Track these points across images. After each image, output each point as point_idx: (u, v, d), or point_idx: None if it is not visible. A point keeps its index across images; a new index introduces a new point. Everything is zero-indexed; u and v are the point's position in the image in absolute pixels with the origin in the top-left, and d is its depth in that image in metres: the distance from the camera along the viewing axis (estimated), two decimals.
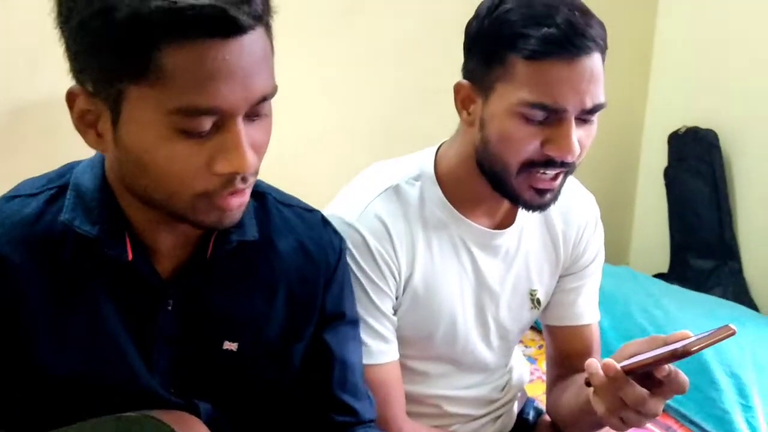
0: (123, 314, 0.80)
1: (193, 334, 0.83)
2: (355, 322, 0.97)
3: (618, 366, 0.86)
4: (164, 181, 0.71)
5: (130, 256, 0.78)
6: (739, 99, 2.28)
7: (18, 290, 0.77)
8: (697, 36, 2.37)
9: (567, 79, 0.91)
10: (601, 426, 1.09)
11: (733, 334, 0.81)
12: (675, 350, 0.82)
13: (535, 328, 1.47)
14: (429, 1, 1.73)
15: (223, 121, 0.69)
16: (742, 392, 1.59)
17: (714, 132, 2.33)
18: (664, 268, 2.55)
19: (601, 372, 0.87)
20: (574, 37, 0.90)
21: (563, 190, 1.11)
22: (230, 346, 0.85)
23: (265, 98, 0.71)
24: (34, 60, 1.36)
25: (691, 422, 1.59)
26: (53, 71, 0.75)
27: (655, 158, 2.54)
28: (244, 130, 0.70)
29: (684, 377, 0.87)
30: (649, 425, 1.61)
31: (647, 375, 0.87)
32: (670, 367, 0.86)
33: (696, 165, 2.37)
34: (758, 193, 2.30)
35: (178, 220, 0.76)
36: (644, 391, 0.86)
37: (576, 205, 1.17)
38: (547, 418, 1.29)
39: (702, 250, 2.41)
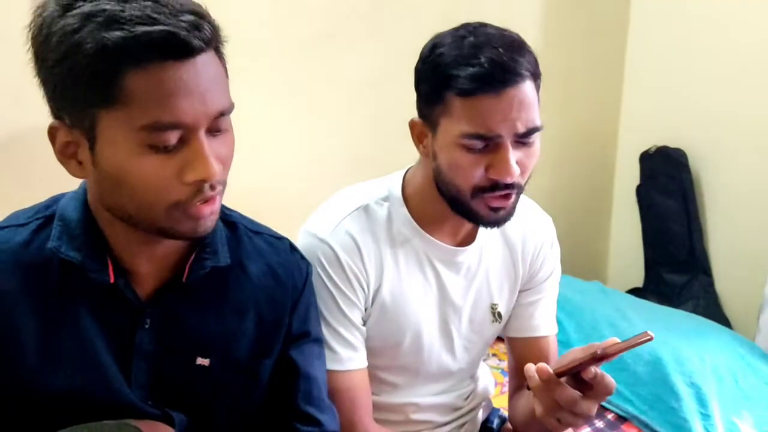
0: (105, 333, 0.87)
1: (169, 351, 0.90)
2: (319, 340, 1.04)
3: (550, 370, 0.93)
4: (140, 195, 0.78)
5: (112, 279, 0.85)
6: (707, 120, 2.37)
7: (8, 314, 0.84)
8: (665, 60, 2.46)
9: (497, 110, 0.99)
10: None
11: (649, 339, 0.89)
12: (595, 353, 0.90)
13: None
14: (401, 31, 1.82)
15: (187, 136, 0.77)
16: (701, 402, 1.65)
17: (683, 151, 2.43)
18: (640, 282, 2.63)
19: (536, 375, 0.94)
20: (498, 73, 0.98)
21: (522, 213, 1.21)
22: (203, 361, 0.92)
23: (223, 113, 0.79)
24: (15, 95, 1.43)
25: (652, 430, 1.66)
26: (34, 106, 0.82)
27: (628, 177, 2.63)
28: (207, 143, 0.77)
29: (610, 380, 0.95)
30: None
31: (581, 379, 0.95)
32: (596, 370, 0.93)
33: (666, 183, 2.45)
34: (726, 209, 2.39)
35: (157, 234, 0.82)
36: (576, 392, 0.94)
37: (533, 225, 1.25)
38: (509, 425, 1.36)
39: (674, 265, 2.49)
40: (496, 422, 1.40)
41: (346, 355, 1.11)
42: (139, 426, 0.82)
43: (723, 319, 2.38)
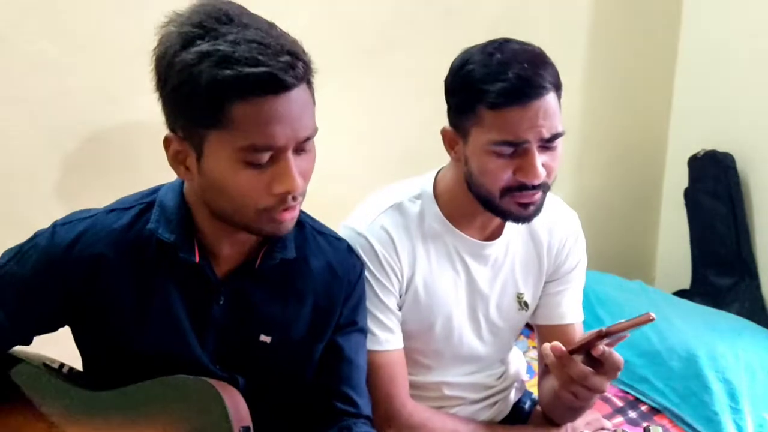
0: (186, 304, 1.02)
1: (237, 325, 1.04)
2: (364, 331, 1.17)
3: (563, 347, 1.04)
4: (236, 201, 0.92)
5: (197, 259, 1.00)
6: (756, 124, 2.40)
7: (112, 281, 1.00)
8: (716, 63, 2.49)
9: (524, 120, 1.11)
10: (575, 410, 1.27)
11: (651, 320, 0.98)
12: (600, 331, 1.00)
13: None
14: (448, 40, 1.93)
15: (278, 155, 0.90)
16: (732, 396, 1.72)
17: (731, 155, 2.45)
18: (687, 284, 2.67)
19: (551, 353, 1.05)
20: (525, 87, 1.10)
21: (548, 209, 1.31)
22: (265, 338, 1.06)
23: (309, 138, 0.93)
24: (112, 94, 1.61)
25: (685, 423, 1.73)
26: (128, 103, 0.97)
27: (676, 179, 2.67)
28: (294, 161, 0.91)
29: (618, 357, 1.05)
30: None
31: (593, 357, 1.05)
32: (604, 347, 1.03)
33: (714, 186, 2.49)
34: None
35: (244, 229, 0.97)
36: (587, 368, 1.05)
37: (559, 220, 1.35)
38: (539, 408, 1.46)
39: (721, 267, 2.52)
40: (528, 404, 1.51)
41: (384, 336, 1.23)
42: (214, 384, 0.96)
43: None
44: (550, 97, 1.12)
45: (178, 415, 0.94)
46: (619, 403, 1.84)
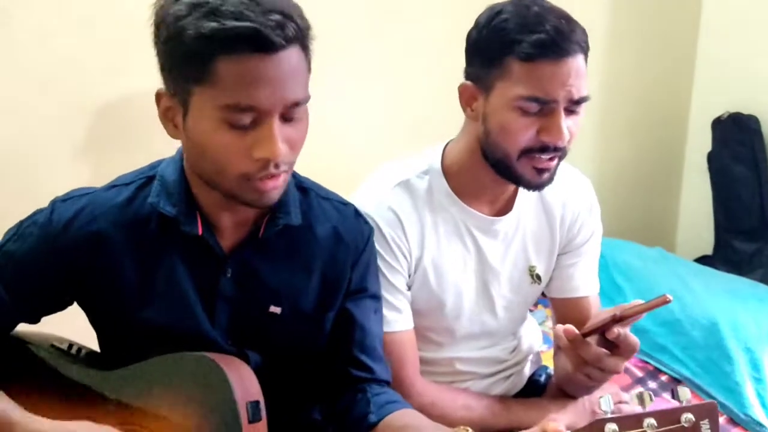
0: (193, 278, 1.00)
1: (246, 297, 1.02)
2: (376, 297, 1.15)
3: (576, 330, 1.01)
4: (216, 162, 0.89)
5: (200, 232, 0.98)
6: None
7: (114, 258, 0.98)
8: (740, 25, 2.42)
9: (556, 76, 1.06)
10: (590, 387, 1.24)
11: (667, 302, 0.95)
12: (614, 315, 0.97)
13: None
14: (459, 8, 1.88)
15: (261, 118, 0.87)
16: (755, 366, 1.69)
17: (755, 117, 2.39)
18: (710, 250, 2.62)
19: (563, 336, 1.02)
20: (562, 41, 1.05)
21: (561, 179, 1.27)
22: (275, 309, 1.04)
23: (297, 104, 0.89)
24: (115, 65, 1.59)
25: (705, 393, 1.71)
26: (132, 75, 0.95)
27: (700, 143, 2.61)
28: (279, 127, 0.88)
29: (633, 339, 1.02)
30: (668, 397, 1.74)
31: (608, 339, 1.02)
32: (620, 330, 1.00)
33: (738, 150, 2.43)
34: None
35: (227, 196, 0.94)
36: (601, 350, 1.02)
37: (573, 191, 1.31)
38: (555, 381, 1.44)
39: (744, 233, 2.47)
40: (543, 377, 1.48)
41: (392, 317, 1.21)
42: (216, 359, 0.95)
43: None
44: (581, 58, 1.08)
45: (184, 393, 0.94)
46: (639, 374, 1.81)
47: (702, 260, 2.54)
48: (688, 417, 0.84)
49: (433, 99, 1.54)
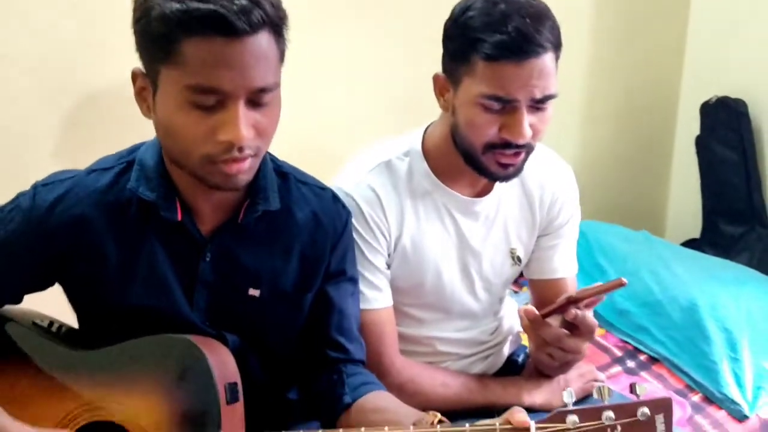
0: (172, 262, 1.03)
1: (225, 281, 1.05)
2: (354, 280, 1.18)
3: (536, 311, 1.05)
4: (181, 143, 0.91)
5: (180, 217, 1.00)
6: None
7: (96, 241, 1.01)
8: (729, 8, 2.42)
9: (517, 77, 1.08)
10: (561, 367, 1.27)
11: (622, 285, 0.98)
12: (569, 296, 1.01)
13: None
14: None
15: (226, 102, 0.88)
16: (732, 346, 1.71)
17: (743, 101, 2.40)
18: (698, 233, 2.65)
19: (524, 316, 1.06)
20: (523, 44, 1.07)
21: (541, 162, 1.31)
22: (254, 292, 1.07)
23: (264, 90, 0.91)
24: (104, 49, 1.61)
25: (682, 372, 1.74)
26: (124, 60, 0.97)
27: (689, 128, 2.62)
28: (245, 112, 0.89)
29: (591, 320, 1.06)
30: (646, 375, 1.78)
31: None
32: (577, 311, 1.04)
33: (726, 134, 2.44)
34: None
35: (195, 177, 0.96)
36: (561, 330, 1.06)
37: (552, 174, 1.34)
38: None
39: (731, 216, 2.49)
40: (522, 357, 1.52)
41: (371, 295, 1.24)
42: (195, 341, 0.98)
43: None
44: (548, 57, 1.09)
45: (163, 374, 0.96)
46: (618, 353, 1.85)
47: (689, 243, 2.56)
48: (644, 411, 0.88)
49: (416, 81, 1.55)
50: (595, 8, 2.41)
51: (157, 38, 0.88)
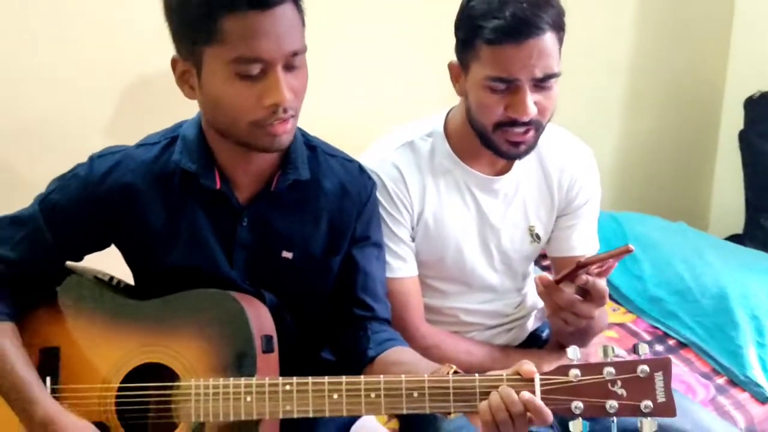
0: (213, 227, 1.15)
1: (261, 244, 1.16)
2: (379, 245, 1.27)
3: (549, 278, 1.12)
4: (229, 113, 1.02)
5: (218, 185, 1.12)
6: None
7: (143, 207, 1.13)
8: None
9: (517, 58, 1.16)
10: (581, 336, 1.35)
11: (629, 251, 1.03)
12: (579, 262, 1.08)
13: None
14: None
15: (267, 69, 0.99)
16: (759, 332, 1.75)
17: None
18: (740, 229, 2.65)
19: (539, 282, 1.14)
20: (520, 26, 1.15)
21: (561, 145, 1.38)
22: (287, 254, 1.17)
23: (296, 53, 1.01)
24: (151, 43, 1.75)
25: (710, 356, 1.78)
26: (165, 52, 1.09)
27: (733, 122, 2.62)
28: (283, 76, 0.99)
29: (601, 286, 1.12)
30: (674, 359, 1.82)
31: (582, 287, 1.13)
32: (588, 277, 1.10)
33: None
34: None
35: (244, 146, 1.06)
36: (574, 296, 1.12)
37: (572, 157, 1.41)
38: None
39: None
40: (546, 333, 1.59)
41: (396, 264, 1.34)
42: (236, 296, 1.09)
43: None
44: (547, 37, 1.17)
45: (205, 324, 1.07)
46: (647, 338, 1.89)
47: (732, 238, 2.56)
48: (643, 369, 0.94)
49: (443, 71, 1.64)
50: (640, 3, 2.44)
51: (198, 22, 0.98)
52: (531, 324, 1.56)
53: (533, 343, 1.55)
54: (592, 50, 2.35)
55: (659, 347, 1.86)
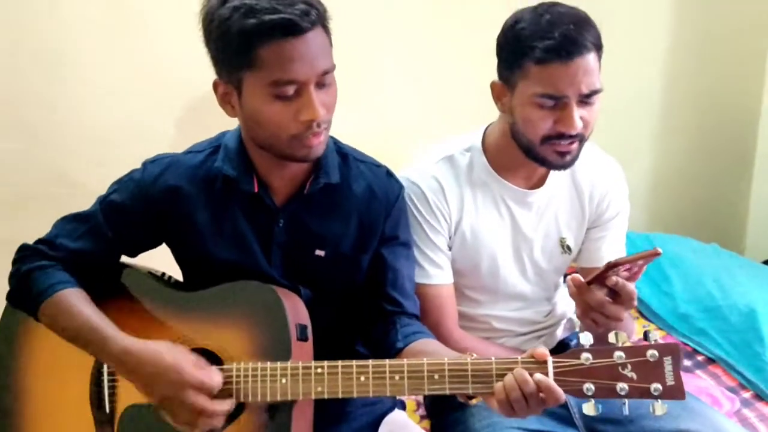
0: (252, 227, 1.24)
1: (296, 243, 1.25)
2: (407, 244, 1.35)
3: (581, 279, 1.18)
4: (270, 130, 1.12)
5: (256, 189, 1.22)
6: None
7: (190, 207, 1.23)
8: None
9: (566, 75, 1.23)
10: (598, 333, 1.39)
11: (657, 254, 1.08)
12: (609, 263, 1.13)
13: None
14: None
15: (301, 89, 1.08)
16: None
17: None
18: None
19: (572, 283, 1.19)
20: (569, 45, 1.22)
21: (592, 162, 1.45)
22: (320, 252, 1.26)
23: (326, 72, 1.10)
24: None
25: (736, 371, 1.81)
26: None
27: None
28: (316, 94, 1.09)
29: (630, 288, 1.17)
30: (701, 374, 1.85)
31: (612, 290, 1.19)
32: (617, 278, 1.16)
33: None
34: None
35: (283, 158, 1.16)
36: (604, 297, 1.18)
37: (602, 172, 1.48)
38: None
39: None
40: (575, 342, 1.63)
41: (433, 272, 1.41)
42: (274, 288, 1.18)
43: None
44: (591, 57, 1.24)
45: (246, 313, 1.16)
46: None
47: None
48: (652, 353, 0.99)
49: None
50: (675, 21, 2.48)
51: (237, 50, 1.07)
52: (560, 332, 1.61)
53: (562, 351, 1.59)
54: (627, 71, 2.39)
55: (688, 362, 1.90)
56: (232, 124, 1.30)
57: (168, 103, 1.90)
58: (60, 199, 1.41)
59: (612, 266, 1.14)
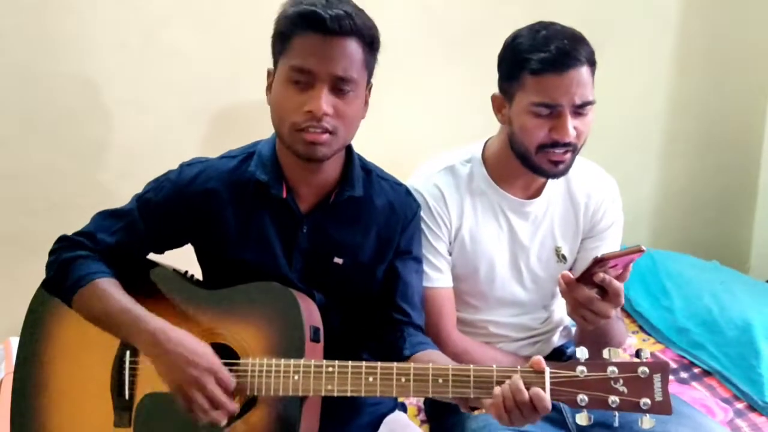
0: (277, 230, 1.32)
1: (317, 249, 1.32)
2: (419, 260, 1.44)
3: (571, 276, 1.26)
4: (279, 112, 1.21)
5: (285, 195, 1.30)
6: None
7: (221, 209, 1.31)
8: None
9: (560, 86, 1.33)
10: (598, 341, 1.46)
11: (641, 252, 1.15)
12: (595, 258, 1.20)
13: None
14: None
15: (314, 82, 1.18)
16: None
17: None
18: None
19: (562, 281, 1.27)
20: (563, 58, 1.32)
21: (587, 175, 1.53)
22: (338, 260, 1.34)
23: (343, 80, 1.18)
24: (236, 79, 1.99)
25: (731, 383, 1.87)
26: (249, 86, 1.30)
27: None
28: (327, 93, 1.17)
29: (617, 284, 1.23)
30: (697, 386, 1.91)
31: (601, 286, 1.25)
32: (604, 275, 1.22)
33: None
34: None
35: (291, 151, 1.23)
36: (593, 294, 1.25)
37: (597, 185, 1.56)
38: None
39: None
40: (570, 349, 1.70)
41: (434, 275, 1.50)
42: (291, 290, 1.25)
43: None
44: (584, 70, 1.33)
45: (264, 312, 1.24)
46: (674, 365, 1.99)
47: None
48: (643, 370, 1.06)
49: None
50: (680, 46, 2.55)
51: (280, 37, 1.21)
52: (556, 339, 1.68)
53: (557, 358, 1.67)
54: (632, 92, 2.48)
55: (684, 374, 1.95)
56: (250, 139, 1.41)
57: (192, 119, 2.01)
58: (87, 208, 1.50)
59: (599, 261, 1.21)
